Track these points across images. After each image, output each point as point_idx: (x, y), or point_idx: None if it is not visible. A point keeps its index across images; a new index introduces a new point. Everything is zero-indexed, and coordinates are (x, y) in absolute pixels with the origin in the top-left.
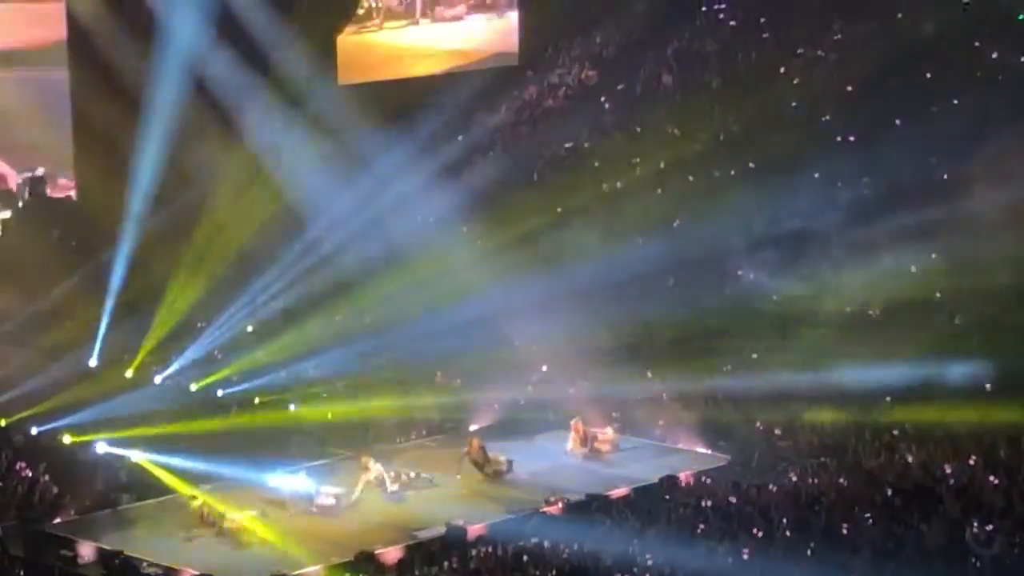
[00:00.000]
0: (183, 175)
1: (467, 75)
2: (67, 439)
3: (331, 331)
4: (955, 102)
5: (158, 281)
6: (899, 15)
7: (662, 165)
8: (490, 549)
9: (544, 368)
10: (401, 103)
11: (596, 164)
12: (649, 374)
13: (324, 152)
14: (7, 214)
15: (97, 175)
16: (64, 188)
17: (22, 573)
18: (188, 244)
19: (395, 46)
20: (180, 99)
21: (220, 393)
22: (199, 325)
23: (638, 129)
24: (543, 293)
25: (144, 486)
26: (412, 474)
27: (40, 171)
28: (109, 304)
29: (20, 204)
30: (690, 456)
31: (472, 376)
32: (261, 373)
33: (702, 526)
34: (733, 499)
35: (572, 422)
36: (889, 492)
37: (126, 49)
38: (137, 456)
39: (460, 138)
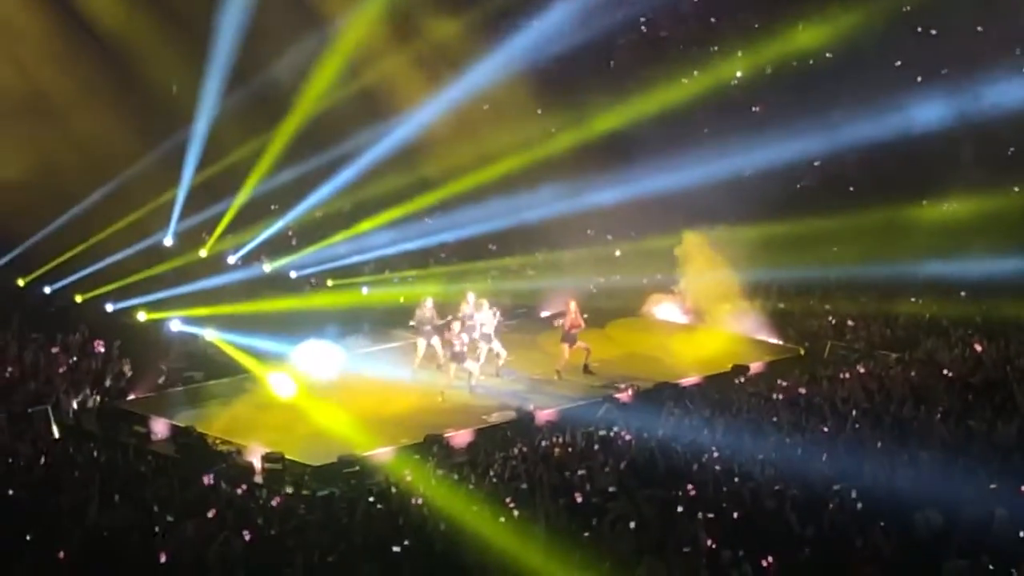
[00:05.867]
0: (262, 56)
1: None
2: (142, 316)
3: (405, 216)
4: None
5: (234, 163)
6: None
7: None
8: (560, 435)
9: (617, 253)
10: None
11: None
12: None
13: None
14: None
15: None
16: None
17: (96, 449)
18: (266, 127)
19: None
20: None
21: (293, 275)
22: (272, 208)
23: None
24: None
25: (216, 364)
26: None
27: None
28: (185, 184)
29: None
30: (762, 346)
31: (545, 263)
32: (334, 256)
33: (772, 416)
34: (803, 390)
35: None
36: (960, 386)
37: None
38: (210, 335)
39: None
